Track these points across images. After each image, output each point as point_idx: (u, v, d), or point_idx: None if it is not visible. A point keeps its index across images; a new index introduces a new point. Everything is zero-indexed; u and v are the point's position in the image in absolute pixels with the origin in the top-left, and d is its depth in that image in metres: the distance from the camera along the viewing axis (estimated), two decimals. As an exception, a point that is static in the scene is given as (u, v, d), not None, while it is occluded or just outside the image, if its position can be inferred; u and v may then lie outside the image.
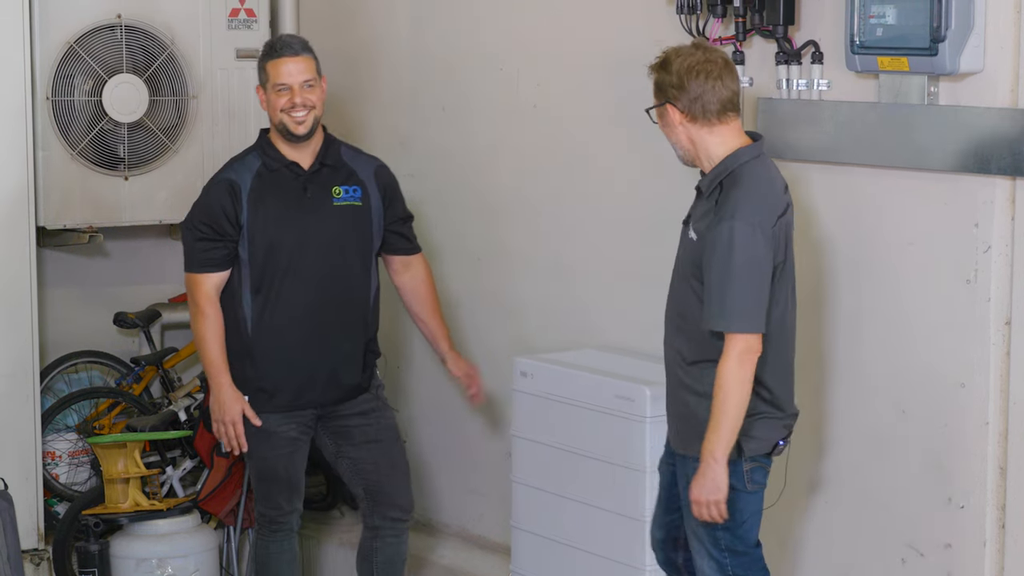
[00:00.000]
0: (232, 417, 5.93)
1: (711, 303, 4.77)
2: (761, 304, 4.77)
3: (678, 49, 4.95)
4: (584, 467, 5.90)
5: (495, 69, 6.83)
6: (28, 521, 6.84)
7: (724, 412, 4.75)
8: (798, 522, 5.71)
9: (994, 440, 5.11)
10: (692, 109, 4.86)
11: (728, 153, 4.89)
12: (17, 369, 6.91)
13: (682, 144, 4.95)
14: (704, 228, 4.84)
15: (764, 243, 4.75)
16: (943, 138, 5.06)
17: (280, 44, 6.00)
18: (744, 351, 4.74)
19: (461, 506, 7.23)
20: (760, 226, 4.75)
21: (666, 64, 4.91)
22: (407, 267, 6.20)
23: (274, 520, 6.10)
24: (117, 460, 6.72)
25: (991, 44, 4.97)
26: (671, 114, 4.90)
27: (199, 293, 5.94)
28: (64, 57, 7.16)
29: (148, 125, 7.36)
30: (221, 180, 5.99)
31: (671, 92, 4.88)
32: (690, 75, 4.85)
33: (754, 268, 4.74)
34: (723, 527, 4.92)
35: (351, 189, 6.02)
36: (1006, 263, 5.04)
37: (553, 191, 6.61)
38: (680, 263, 5.00)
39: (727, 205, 4.78)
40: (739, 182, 4.82)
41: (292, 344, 5.95)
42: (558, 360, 6.14)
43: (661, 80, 4.92)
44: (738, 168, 4.86)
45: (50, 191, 7.16)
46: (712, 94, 4.85)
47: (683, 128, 4.90)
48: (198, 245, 5.94)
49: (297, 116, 5.89)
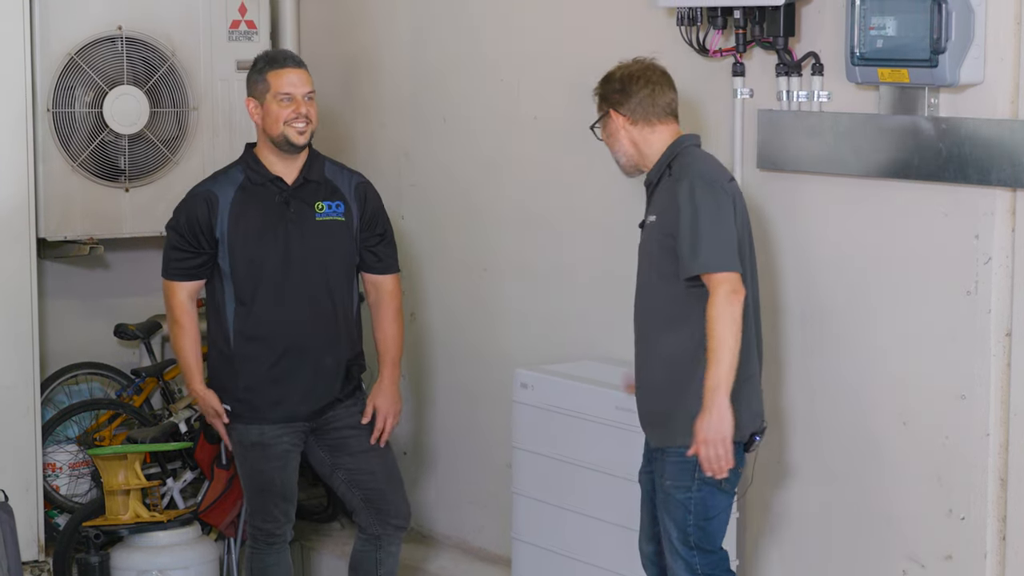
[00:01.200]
0: (212, 414, 6.07)
1: (686, 252, 4.92)
2: (734, 247, 4.92)
3: (618, 65, 5.27)
4: (584, 478, 5.90)
5: (496, 80, 6.84)
6: (28, 533, 6.84)
7: (723, 346, 4.83)
8: (799, 533, 5.71)
9: (995, 451, 5.11)
10: (635, 113, 5.13)
11: (665, 146, 5.14)
12: (17, 380, 6.90)
13: (625, 150, 5.19)
14: (664, 204, 5.02)
15: (724, 195, 4.96)
16: (943, 149, 5.06)
17: (281, 56, 6.02)
18: (730, 290, 4.86)
19: (461, 517, 7.23)
20: (716, 181, 4.99)
21: (608, 77, 5.24)
22: (375, 287, 6.17)
23: (270, 533, 6.09)
24: (118, 472, 6.72)
25: (991, 56, 4.97)
26: (614, 121, 5.17)
27: (173, 302, 6.05)
28: (65, 69, 7.16)
29: (149, 137, 7.37)
30: (199, 192, 6.01)
31: (614, 99, 5.16)
32: (631, 81, 5.16)
33: (719, 214, 4.93)
34: (695, 523, 4.97)
35: (334, 204, 6.03)
36: (1006, 274, 5.04)
37: (554, 202, 6.61)
38: (642, 255, 5.16)
39: (679, 171, 5.03)
40: (684, 156, 5.09)
41: (273, 357, 5.96)
42: (558, 371, 6.15)
43: (604, 91, 5.23)
44: (681, 150, 5.11)
45: (51, 203, 7.16)
46: (653, 98, 5.14)
47: (625, 132, 5.16)
48: (172, 253, 6.02)
49: (299, 127, 5.90)
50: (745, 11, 5.52)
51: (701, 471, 4.94)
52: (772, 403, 5.55)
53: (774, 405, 5.62)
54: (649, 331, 5.12)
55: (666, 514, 5.06)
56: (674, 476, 5.01)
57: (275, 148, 5.94)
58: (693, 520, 5.01)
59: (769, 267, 5.58)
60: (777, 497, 5.74)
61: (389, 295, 6.17)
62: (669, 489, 5.04)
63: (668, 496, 5.04)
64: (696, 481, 4.98)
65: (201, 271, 5.98)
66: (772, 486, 5.73)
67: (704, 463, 4.90)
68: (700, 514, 5.01)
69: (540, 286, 6.71)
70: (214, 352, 6.04)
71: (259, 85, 5.94)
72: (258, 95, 5.95)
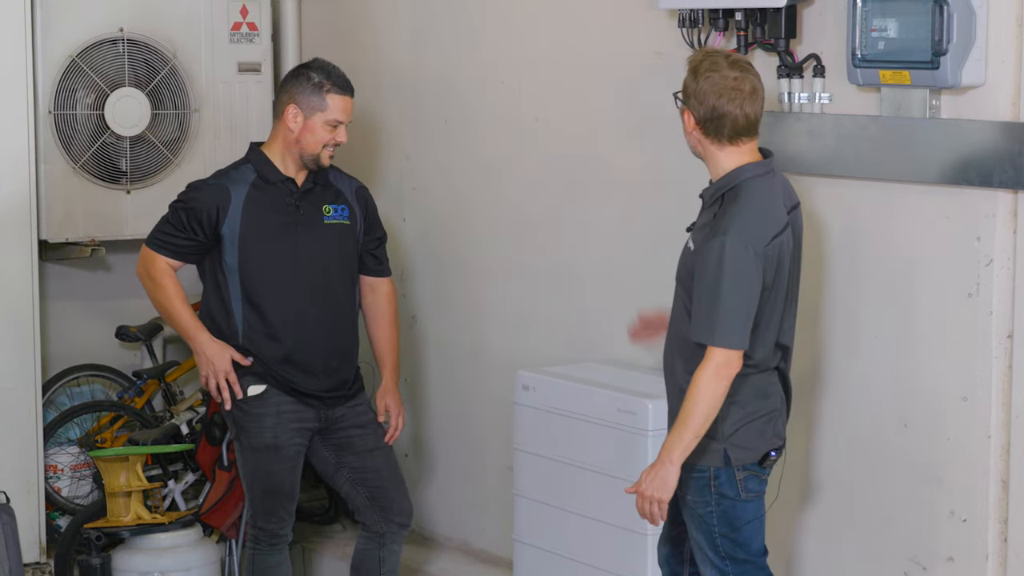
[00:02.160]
0: (224, 367, 5.94)
1: (698, 315, 4.79)
2: (747, 321, 4.78)
3: (714, 59, 4.85)
4: (586, 480, 5.90)
5: (497, 82, 6.84)
6: (30, 534, 6.84)
7: (691, 417, 4.77)
8: (800, 535, 5.71)
9: (996, 453, 5.11)
10: (707, 126, 4.85)
11: (735, 167, 4.87)
12: (19, 382, 6.91)
13: (693, 147, 4.96)
14: (701, 240, 4.85)
15: (754, 262, 4.74)
16: (945, 151, 5.06)
17: (343, 79, 5.98)
18: (722, 364, 4.76)
19: (463, 519, 7.23)
20: (752, 245, 4.73)
21: (696, 73, 4.85)
22: (373, 289, 6.22)
23: (275, 534, 6.10)
24: (119, 473, 6.72)
25: (992, 58, 4.97)
26: (687, 119, 4.90)
27: (154, 267, 6.00)
28: (67, 71, 7.17)
29: (150, 138, 7.37)
30: (214, 184, 5.99)
31: (692, 101, 4.85)
32: (713, 96, 4.80)
33: (742, 285, 4.74)
34: (721, 534, 4.95)
35: (339, 208, 6.07)
36: (1008, 276, 5.04)
37: (556, 204, 6.61)
38: (679, 270, 5.02)
39: (723, 220, 4.78)
40: (739, 198, 4.81)
41: (282, 356, 5.96)
42: (560, 373, 6.14)
43: (687, 85, 4.87)
44: (741, 183, 4.83)
45: (52, 204, 7.16)
46: (729, 120, 4.81)
47: (695, 135, 4.90)
48: (166, 227, 6.01)
49: (331, 151, 5.95)
50: (746, 13, 5.52)
51: (719, 485, 4.92)
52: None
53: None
54: (673, 359, 5.03)
55: (693, 527, 5.02)
56: (694, 492, 4.96)
57: (298, 158, 5.95)
58: (719, 532, 4.95)
59: (770, 269, 5.58)
60: (778, 499, 5.73)
61: (387, 297, 6.23)
62: (691, 504, 4.99)
63: (691, 511, 5.00)
64: (715, 495, 4.93)
65: (186, 254, 5.99)
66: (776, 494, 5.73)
67: (638, 510, 4.91)
68: (726, 525, 4.95)
69: (542, 288, 6.71)
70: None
71: (314, 100, 5.91)
72: (307, 108, 5.92)
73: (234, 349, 5.95)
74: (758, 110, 4.84)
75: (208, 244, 5.93)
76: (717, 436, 4.88)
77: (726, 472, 4.92)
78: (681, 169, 5.86)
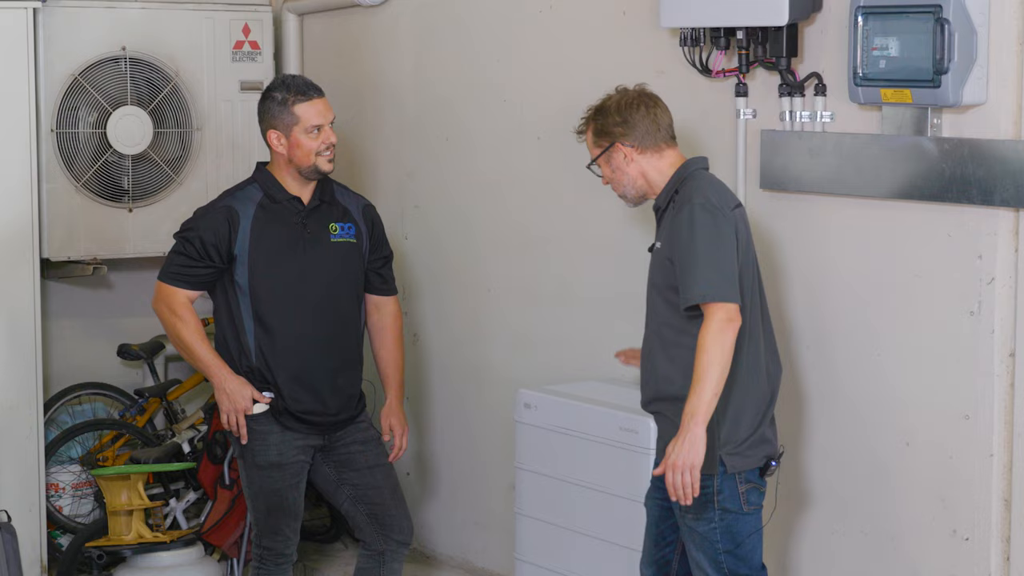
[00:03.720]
0: (244, 405, 5.91)
1: (685, 280, 4.86)
2: (733, 276, 4.85)
3: (605, 98, 5.18)
4: (588, 499, 5.89)
5: (499, 100, 6.85)
6: (31, 553, 6.84)
7: (707, 375, 4.77)
8: (803, 553, 5.70)
9: (998, 472, 5.11)
10: (642, 141, 5.06)
11: (678, 164, 5.09)
12: (21, 401, 6.91)
13: (634, 183, 5.12)
14: (671, 231, 4.96)
15: (725, 222, 4.88)
16: (946, 170, 5.07)
17: (304, 85, 5.96)
18: (724, 319, 4.79)
19: (465, 538, 7.22)
20: (718, 207, 4.90)
21: (603, 110, 5.14)
22: (378, 308, 6.21)
23: (280, 553, 6.08)
24: (121, 492, 6.72)
25: (994, 76, 4.98)
26: (619, 153, 5.08)
27: (174, 301, 5.96)
28: (69, 89, 7.18)
29: (152, 157, 7.38)
30: (221, 207, 5.99)
31: (616, 131, 5.08)
32: (632, 109, 5.08)
33: (720, 242, 4.86)
34: (725, 550, 4.93)
35: (346, 226, 6.05)
36: (1010, 295, 5.04)
37: (558, 222, 6.62)
38: (650, 280, 5.09)
39: (684, 195, 4.96)
40: (691, 180, 5.02)
41: (290, 376, 5.95)
42: (562, 392, 6.14)
43: (603, 125, 5.12)
44: (688, 174, 5.05)
45: (54, 223, 7.17)
46: (656, 123, 5.08)
47: (635, 164, 5.08)
48: (179, 259, 5.96)
49: (328, 155, 5.92)
50: (748, 32, 5.53)
51: (722, 500, 4.91)
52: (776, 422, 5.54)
53: (778, 424, 5.60)
54: (652, 351, 5.07)
55: (693, 547, 4.98)
56: (695, 510, 4.93)
57: (298, 174, 5.94)
58: (722, 548, 4.93)
59: (771, 287, 5.57)
60: (779, 517, 5.72)
61: (393, 316, 6.21)
62: (691, 523, 4.96)
63: (691, 530, 4.97)
64: (718, 511, 4.92)
65: (203, 282, 5.97)
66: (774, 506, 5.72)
67: (669, 488, 4.85)
68: (728, 542, 4.93)
69: (543, 306, 6.71)
70: (235, 367, 5.99)
71: (284, 117, 5.90)
72: (283, 127, 5.91)
73: (253, 388, 5.94)
74: (670, 114, 5.15)
75: (224, 267, 5.92)
76: (711, 443, 4.85)
77: (728, 486, 4.90)
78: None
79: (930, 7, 4.94)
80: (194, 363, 6.03)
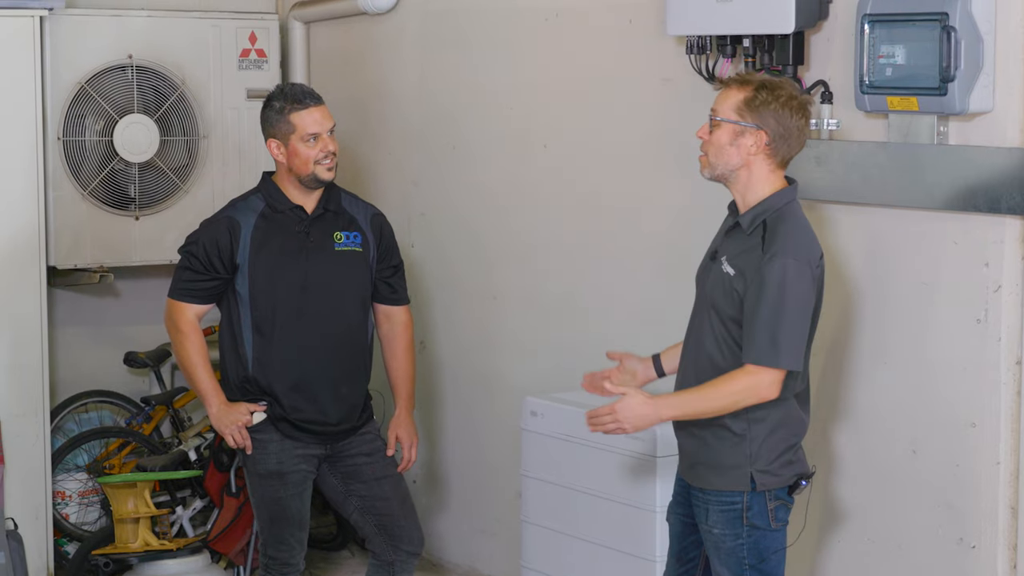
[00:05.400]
0: (236, 425, 5.91)
1: (760, 338, 4.66)
2: (801, 344, 4.72)
3: (783, 80, 4.81)
4: (594, 507, 5.89)
5: (505, 108, 6.85)
6: (38, 561, 6.84)
7: (706, 402, 4.72)
8: (811, 561, 5.70)
9: (1005, 480, 5.10)
10: (778, 148, 4.75)
11: (773, 191, 4.79)
12: (27, 409, 6.91)
13: (731, 164, 4.77)
14: (746, 264, 4.73)
15: (810, 283, 4.69)
16: (953, 178, 5.06)
17: (301, 93, 5.95)
18: (767, 384, 4.68)
19: (471, 546, 7.22)
20: (809, 265, 4.69)
21: (775, 94, 4.71)
22: (388, 317, 6.17)
23: (285, 563, 6.07)
24: (127, 500, 6.72)
25: (1000, 84, 4.98)
26: (751, 138, 4.73)
27: (181, 319, 5.96)
28: (75, 97, 7.19)
29: (159, 165, 7.39)
30: (222, 218, 5.99)
31: (771, 122, 4.70)
32: (797, 115, 4.73)
33: (803, 306, 4.69)
34: (750, 566, 4.86)
35: (352, 235, 6.03)
36: (1016, 303, 5.04)
37: (564, 230, 6.62)
38: (707, 295, 4.87)
39: (776, 242, 4.68)
40: (784, 220, 4.74)
41: (290, 385, 5.94)
42: (568, 400, 6.14)
43: (762, 104, 4.70)
44: (783, 207, 4.76)
45: (61, 231, 7.18)
46: (800, 140, 4.77)
47: (752, 157, 4.76)
48: (185, 274, 5.96)
49: (327, 163, 5.91)
50: (754, 39, 5.53)
51: (751, 516, 4.84)
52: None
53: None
54: (701, 375, 4.89)
55: (718, 562, 4.90)
56: (722, 524, 4.86)
57: (300, 184, 5.94)
58: (748, 563, 4.85)
59: (779, 295, 5.57)
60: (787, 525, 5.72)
61: (403, 326, 6.17)
62: (718, 538, 4.88)
63: (718, 545, 4.89)
64: (746, 527, 4.84)
65: (212, 295, 5.97)
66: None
67: (588, 418, 4.81)
68: (755, 558, 4.85)
69: (549, 314, 6.71)
70: (232, 377, 6.00)
71: (281, 126, 5.89)
72: (281, 136, 5.90)
73: (246, 405, 5.94)
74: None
75: (229, 278, 5.93)
76: (742, 460, 4.81)
77: (758, 502, 4.83)
78: (688, 196, 5.87)
79: (936, 15, 4.94)
80: (191, 385, 6.04)
